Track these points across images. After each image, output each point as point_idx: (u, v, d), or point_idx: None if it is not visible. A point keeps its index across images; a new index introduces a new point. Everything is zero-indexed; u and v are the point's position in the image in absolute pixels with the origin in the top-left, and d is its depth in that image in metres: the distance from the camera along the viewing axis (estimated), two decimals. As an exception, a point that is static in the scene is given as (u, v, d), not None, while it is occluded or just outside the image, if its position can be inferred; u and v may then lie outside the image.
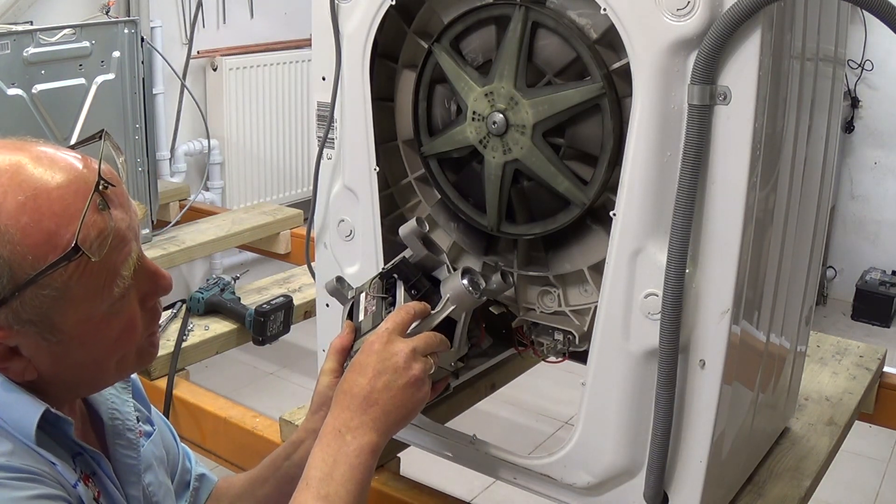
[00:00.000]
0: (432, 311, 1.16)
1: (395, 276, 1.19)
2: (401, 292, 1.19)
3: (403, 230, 1.19)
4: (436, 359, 1.11)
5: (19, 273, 0.83)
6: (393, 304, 1.18)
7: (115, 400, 1.07)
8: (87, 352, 0.91)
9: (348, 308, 1.26)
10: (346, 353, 1.20)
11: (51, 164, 0.86)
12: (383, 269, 1.22)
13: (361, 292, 1.24)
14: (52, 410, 0.90)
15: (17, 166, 0.85)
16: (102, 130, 0.92)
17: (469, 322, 1.20)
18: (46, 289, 0.84)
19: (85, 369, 0.93)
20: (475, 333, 1.24)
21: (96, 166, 0.87)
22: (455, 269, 1.18)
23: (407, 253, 1.21)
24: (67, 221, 0.83)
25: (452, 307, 1.16)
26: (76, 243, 0.83)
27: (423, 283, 1.19)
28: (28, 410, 0.89)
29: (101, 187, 0.86)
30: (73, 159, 0.88)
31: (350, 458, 0.99)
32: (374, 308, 1.20)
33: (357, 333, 1.21)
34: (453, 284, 1.16)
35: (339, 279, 1.26)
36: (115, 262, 0.87)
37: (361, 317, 1.22)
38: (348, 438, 1.00)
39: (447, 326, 1.17)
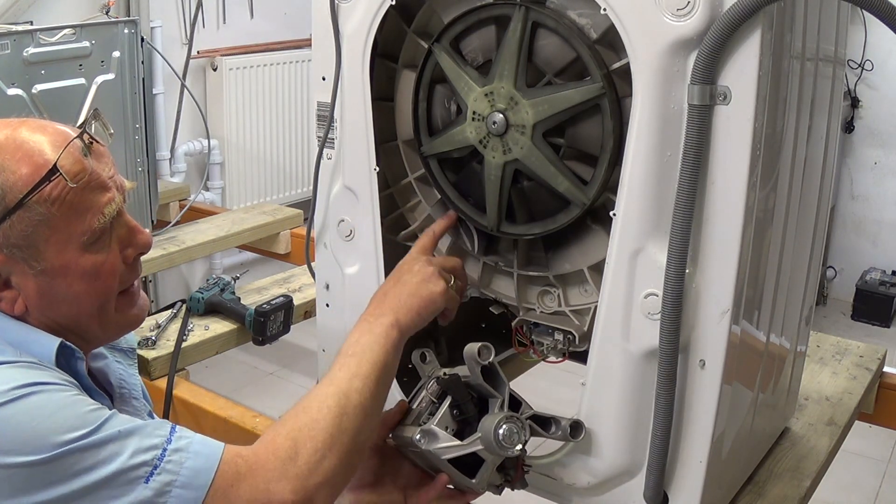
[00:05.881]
0: (461, 441, 1.16)
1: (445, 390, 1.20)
2: (444, 406, 1.19)
3: (467, 351, 1.19)
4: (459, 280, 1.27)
5: (10, 198, 0.96)
6: (434, 412, 1.20)
7: (123, 373, 1.15)
8: (67, 286, 1.00)
9: (418, 386, 1.26)
10: (389, 429, 1.22)
11: (43, 125, 1.03)
12: (443, 374, 1.22)
13: (430, 381, 1.24)
14: (67, 343, 1.00)
15: (17, 123, 1.02)
16: (95, 108, 1.07)
17: (509, 460, 1.18)
18: (31, 212, 0.96)
19: (68, 308, 1.02)
20: (510, 474, 1.21)
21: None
22: (504, 411, 1.17)
23: (463, 371, 1.21)
24: (53, 157, 0.97)
25: (480, 447, 1.15)
26: (55, 164, 0.96)
27: (468, 408, 1.19)
28: (46, 344, 0.99)
29: (84, 137, 1.01)
30: (62, 126, 1.04)
31: (374, 330, 1.13)
32: (423, 404, 1.22)
33: (405, 415, 1.22)
34: (488, 428, 1.15)
35: (424, 354, 1.26)
36: (95, 201, 1.00)
37: (415, 404, 1.23)
38: (371, 320, 1.15)
39: (475, 455, 1.16)
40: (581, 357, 1.25)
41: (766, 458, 1.48)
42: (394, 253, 1.38)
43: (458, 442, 1.16)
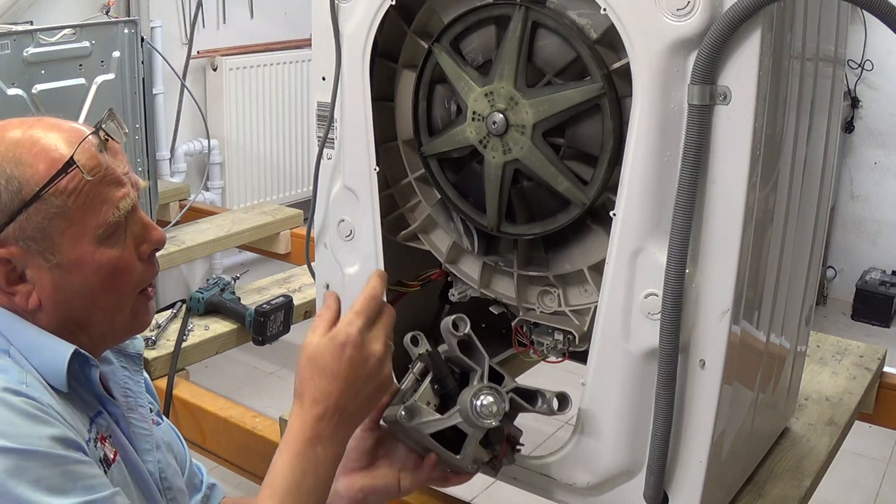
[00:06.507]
0: (441, 416, 1.17)
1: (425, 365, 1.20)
2: (426, 382, 1.19)
3: (442, 324, 1.19)
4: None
5: (27, 190, 0.97)
6: (416, 389, 1.20)
7: (128, 381, 1.15)
8: (83, 280, 1.00)
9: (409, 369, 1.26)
10: (380, 411, 1.22)
11: (58, 123, 1.04)
12: (425, 350, 1.22)
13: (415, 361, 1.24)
14: (81, 351, 0.99)
15: (33, 122, 1.03)
16: (111, 108, 1.07)
17: (493, 435, 1.18)
18: (47, 204, 0.97)
19: (82, 303, 1.01)
20: (496, 449, 1.21)
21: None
22: (483, 383, 1.17)
23: (444, 347, 1.21)
24: (69, 152, 0.98)
25: (459, 420, 1.16)
26: (72, 157, 0.97)
27: (448, 382, 1.19)
28: (59, 351, 0.98)
29: (100, 133, 1.01)
30: (77, 124, 1.05)
31: (318, 469, 1.03)
32: (408, 384, 1.21)
33: (394, 396, 1.22)
34: (465, 399, 1.15)
35: (416, 338, 1.25)
36: (111, 195, 1.01)
37: (402, 385, 1.23)
38: (319, 450, 1.03)
39: (460, 432, 1.16)
40: (581, 357, 1.25)
41: (766, 458, 1.48)
42: (394, 253, 1.38)
43: (439, 416, 1.16)
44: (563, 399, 1.20)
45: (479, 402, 1.14)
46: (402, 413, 1.15)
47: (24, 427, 0.89)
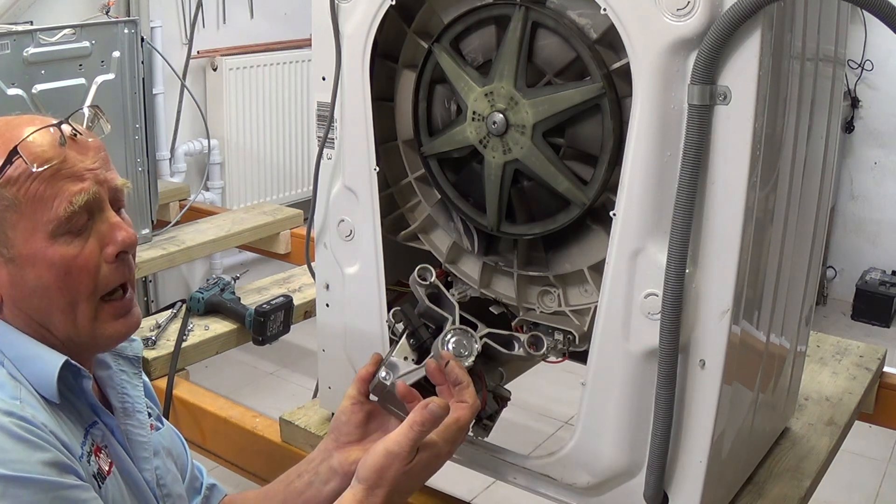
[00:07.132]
0: (414, 368, 1.19)
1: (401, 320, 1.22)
2: (402, 338, 1.23)
3: (411, 277, 1.21)
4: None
5: None
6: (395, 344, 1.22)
7: (126, 385, 1.13)
8: (36, 276, 0.97)
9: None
10: (367, 382, 1.23)
11: (32, 118, 1.01)
12: (397, 308, 1.24)
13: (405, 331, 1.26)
14: (72, 362, 0.97)
15: (10, 118, 1.02)
16: (93, 104, 1.07)
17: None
18: None
19: (38, 302, 0.98)
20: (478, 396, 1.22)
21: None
22: (455, 329, 1.19)
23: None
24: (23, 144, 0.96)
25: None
26: (16, 147, 0.95)
27: (421, 334, 1.22)
28: (49, 361, 0.97)
29: (62, 127, 0.98)
30: (55, 120, 1.01)
31: None
32: (388, 348, 1.24)
33: (379, 364, 1.24)
34: (436, 344, 1.17)
35: (404, 310, 1.26)
36: (65, 189, 0.97)
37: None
38: None
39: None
40: (581, 357, 1.25)
41: (766, 458, 1.48)
42: (394, 253, 1.38)
43: (415, 367, 1.19)
44: (537, 340, 1.22)
45: (448, 343, 1.17)
46: (384, 373, 1.18)
47: (16, 452, 0.87)
